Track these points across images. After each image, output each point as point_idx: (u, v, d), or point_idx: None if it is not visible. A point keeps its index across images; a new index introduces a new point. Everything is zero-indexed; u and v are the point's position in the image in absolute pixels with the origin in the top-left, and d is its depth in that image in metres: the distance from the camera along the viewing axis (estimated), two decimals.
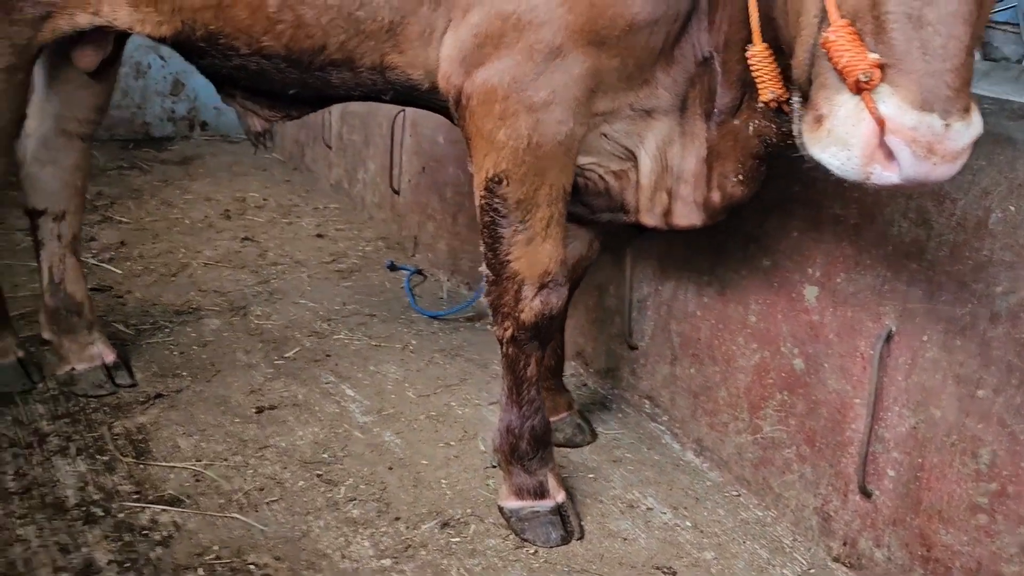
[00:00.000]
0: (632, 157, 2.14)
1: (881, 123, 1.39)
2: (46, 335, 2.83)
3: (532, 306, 2.11)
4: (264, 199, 4.96)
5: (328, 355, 3.20)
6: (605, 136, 2.08)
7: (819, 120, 1.50)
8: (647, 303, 2.75)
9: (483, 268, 2.18)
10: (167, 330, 3.29)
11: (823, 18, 1.48)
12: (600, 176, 2.18)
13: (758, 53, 1.76)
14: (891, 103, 1.38)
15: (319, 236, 4.45)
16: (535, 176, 1.97)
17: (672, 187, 2.11)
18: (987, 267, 1.81)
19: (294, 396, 2.89)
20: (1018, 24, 8.03)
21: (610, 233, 2.53)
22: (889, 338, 1.97)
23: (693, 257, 2.56)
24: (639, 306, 2.78)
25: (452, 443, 2.69)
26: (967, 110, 1.38)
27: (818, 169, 1.53)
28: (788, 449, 2.29)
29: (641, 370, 2.82)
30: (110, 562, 2.06)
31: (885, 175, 1.44)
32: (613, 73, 1.90)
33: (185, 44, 2.18)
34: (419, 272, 3.98)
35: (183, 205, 4.74)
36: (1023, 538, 1.75)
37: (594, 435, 2.74)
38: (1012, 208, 1.76)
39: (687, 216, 2.11)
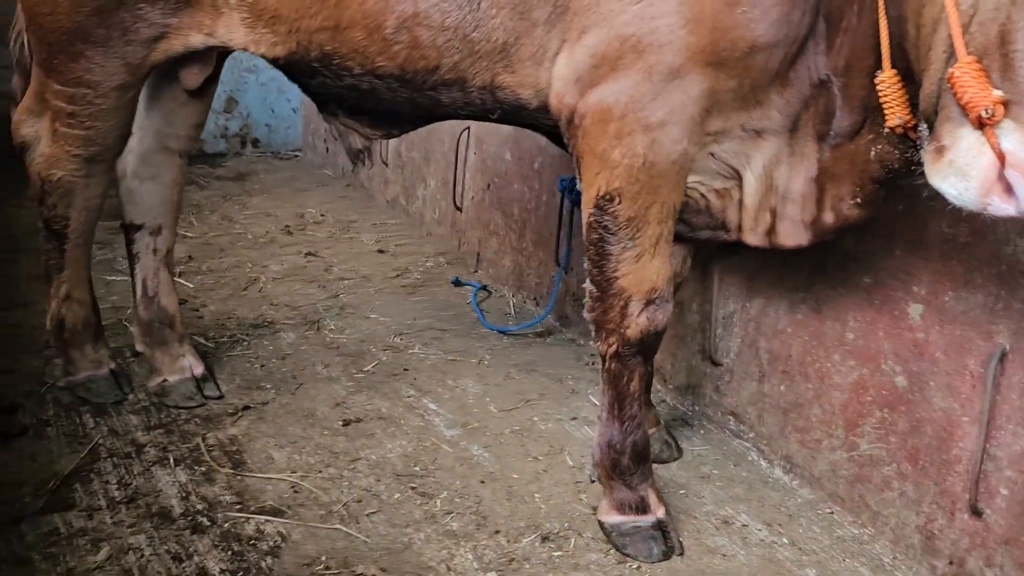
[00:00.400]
0: (736, 176, 2.16)
1: (1002, 157, 1.45)
2: (139, 347, 2.88)
3: (638, 322, 2.13)
4: (322, 215, 5.03)
5: (406, 369, 3.23)
6: (712, 155, 2.10)
7: (941, 151, 1.55)
8: (733, 319, 2.76)
9: (586, 284, 2.21)
10: (245, 343, 3.34)
11: (951, 53, 1.51)
12: (702, 194, 2.21)
13: (887, 79, 1.78)
14: (1013, 138, 1.43)
15: (380, 252, 4.50)
16: (648, 194, 2.00)
17: (777, 207, 2.13)
18: None
19: (378, 409, 2.92)
20: None
21: (698, 251, 2.56)
22: (1003, 357, 1.98)
23: (786, 274, 2.57)
24: (724, 323, 2.79)
25: (540, 457, 2.71)
26: None
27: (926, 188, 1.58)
28: (888, 467, 2.29)
29: (726, 387, 2.83)
30: (223, 571, 2.09)
31: (1003, 207, 1.49)
32: (729, 94, 1.93)
33: (297, 64, 2.23)
34: (484, 288, 4.01)
35: (244, 220, 4.81)
36: None
37: (680, 451, 2.74)
38: None
39: (793, 236, 2.13)
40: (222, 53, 2.53)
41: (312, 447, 2.67)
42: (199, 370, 2.89)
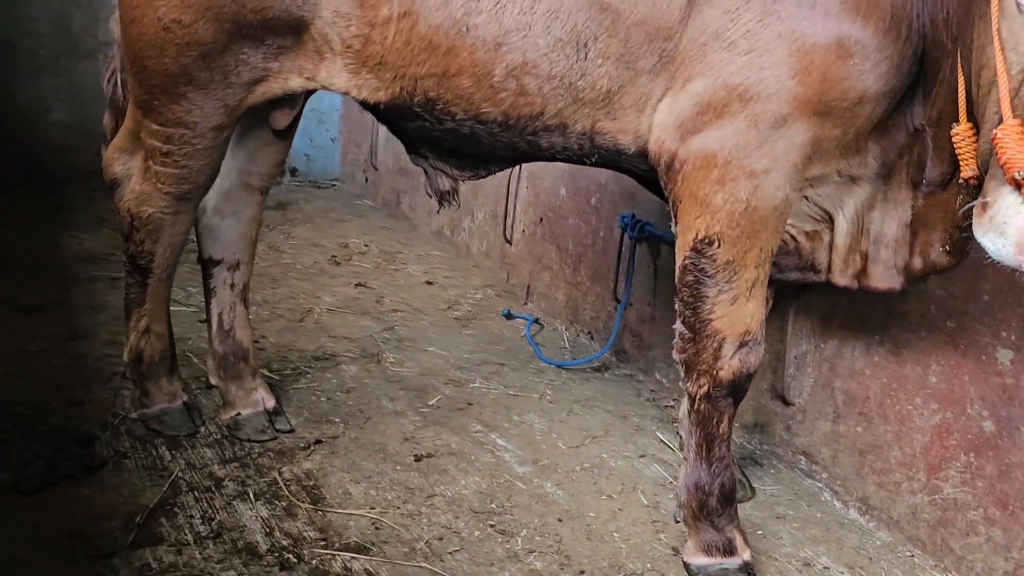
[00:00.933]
0: (828, 219, 2.20)
1: None
2: (213, 380, 2.90)
3: (731, 364, 2.16)
4: (366, 245, 5.07)
5: (470, 404, 3.25)
6: (806, 199, 2.14)
7: (985, 207, 1.62)
8: (806, 359, 2.79)
9: (678, 324, 2.23)
10: (309, 375, 3.37)
11: (1001, 115, 1.56)
12: (792, 236, 2.25)
13: (961, 132, 1.82)
14: None
15: (429, 283, 4.53)
16: (748, 239, 2.03)
17: (869, 250, 2.16)
18: None
19: (448, 445, 2.94)
20: None
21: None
22: None
23: (863, 316, 2.60)
24: (797, 362, 2.82)
25: (614, 496, 2.72)
26: None
27: None
28: (974, 511, 2.30)
29: (797, 426, 2.85)
30: None
31: None
32: (833, 142, 1.97)
33: (398, 108, 2.26)
34: (536, 321, 4.04)
35: (291, 250, 4.85)
36: None
37: (753, 491, 2.76)
38: None
39: (886, 280, 2.16)
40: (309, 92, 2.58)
41: (387, 482, 2.68)
42: (271, 404, 2.91)
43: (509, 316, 4.09)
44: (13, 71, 5.27)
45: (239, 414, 2.85)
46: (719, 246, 2.05)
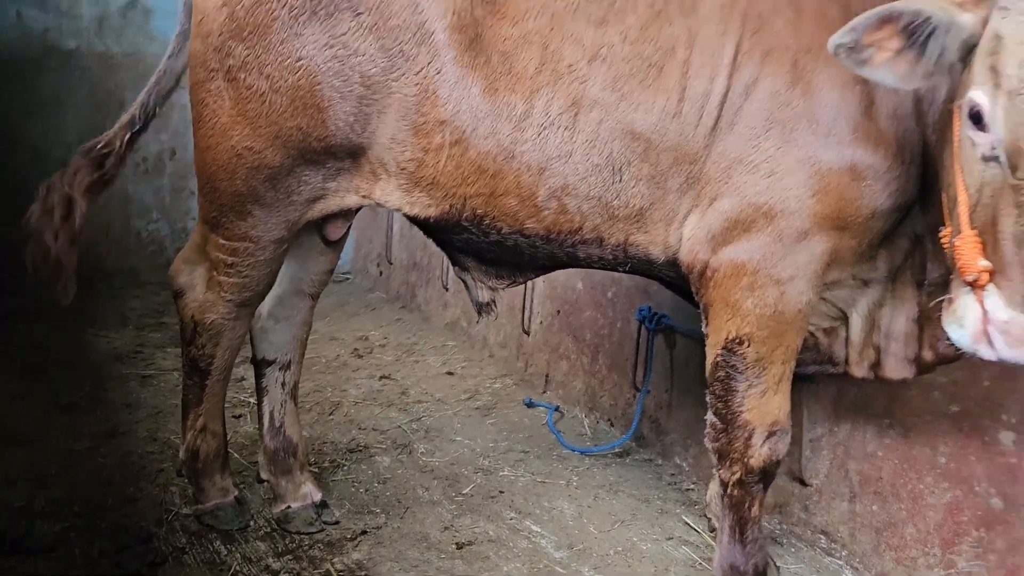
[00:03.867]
0: (843, 316, 2.44)
1: (986, 314, 1.75)
2: (264, 475, 3.06)
3: (760, 452, 2.36)
4: (384, 337, 5.27)
5: (501, 491, 3.41)
6: (824, 299, 2.38)
7: (950, 302, 1.90)
8: (821, 442, 2.99)
9: (710, 416, 2.44)
10: (345, 468, 3.52)
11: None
12: (811, 333, 2.48)
13: (944, 236, 2.06)
14: (992, 301, 1.76)
15: (449, 374, 4.72)
16: (775, 338, 2.26)
17: (881, 344, 2.40)
18: None
19: (486, 532, 3.09)
20: None
21: None
22: None
23: (869, 401, 2.82)
24: (812, 445, 3.01)
25: None
26: None
27: None
28: None
29: (815, 506, 3.03)
30: None
31: (988, 353, 1.83)
32: (848, 251, 2.22)
33: (447, 223, 2.50)
34: (556, 409, 4.22)
35: (312, 344, 4.96)
36: None
37: (778, 569, 2.91)
38: None
39: (899, 370, 2.39)
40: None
41: (434, 570, 2.82)
42: (318, 497, 3.06)
43: (531, 405, 4.27)
44: (42, 177, 5.51)
45: (289, 507, 3.00)
46: (749, 345, 2.28)
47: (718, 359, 2.35)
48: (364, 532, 3.02)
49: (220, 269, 2.67)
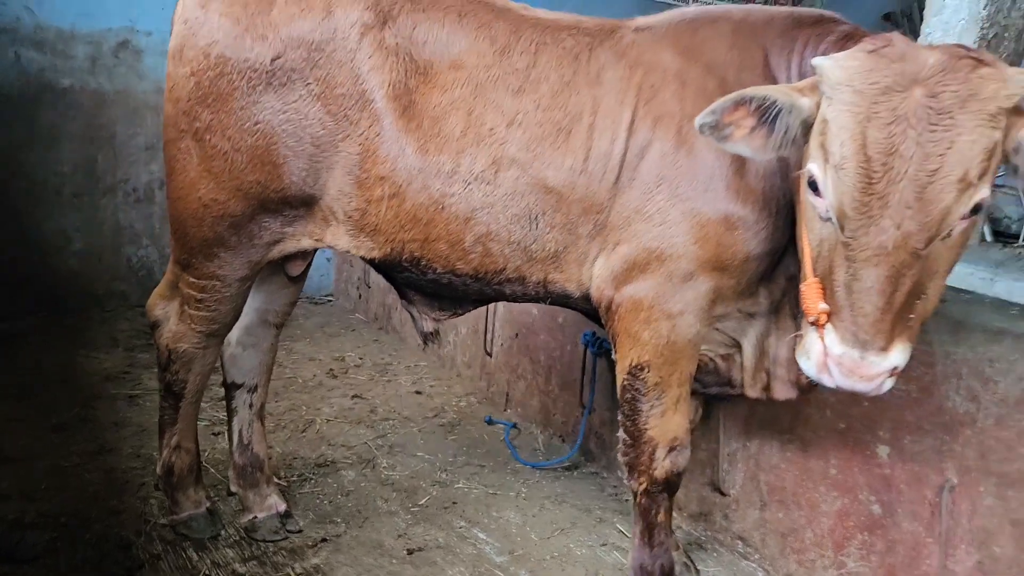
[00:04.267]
0: (737, 345, 2.76)
1: (825, 349, 2.05)
2: (233, 488, 3.38)
3: (663, 465, 2.68)
4: (360, 358, 5.59)
5: (454, 502, 3.72)
6: (718, 330, 2.70)
7: (800, 338, 2.21)
8: (736, 456, 3.31)
9: (621, 433, 2.76)
10: (312, 481, 3.84)
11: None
12: (711, 359, 2.80)
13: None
14: (829, 338, 2.06)
15: (417, 393, 5.04)
16: (670, 365, 2.58)
17: (770, 368, 2.72)
18: None
19: (436, 539, 3.40)
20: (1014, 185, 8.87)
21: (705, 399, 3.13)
22: (952, 489, 2.53)
23: (775, 419, 3.14)
24: (729, 458, 3.33)
25: None
26: (884, 349, 1.99)
27: None
28: None
29: (733, 514, 3.34)
30: None
31: (828, 381, 2.11)
32: (730, 289, 2.55)
33: (389, 263, 2.83)
34: (514, 426, 4.54)
35: (292, 365, 5.36)
36: None
37: (698, 572, 3.22)
38: None
39: (784, 392, 2.70)
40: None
41: (385, 574, 3.14)
42: (283, 507, 3.37)
43: (491, 422, 4.58)
44: (40, 207, 5.85)
45: (256, 517, 3.31)
46: (649, 371, 2.60)
47: (624, 383, 2.67)
48: (324, 540, 3.34)
49: (191, 304, 2.99)
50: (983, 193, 1.94)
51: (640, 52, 2.60)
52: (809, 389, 2.69)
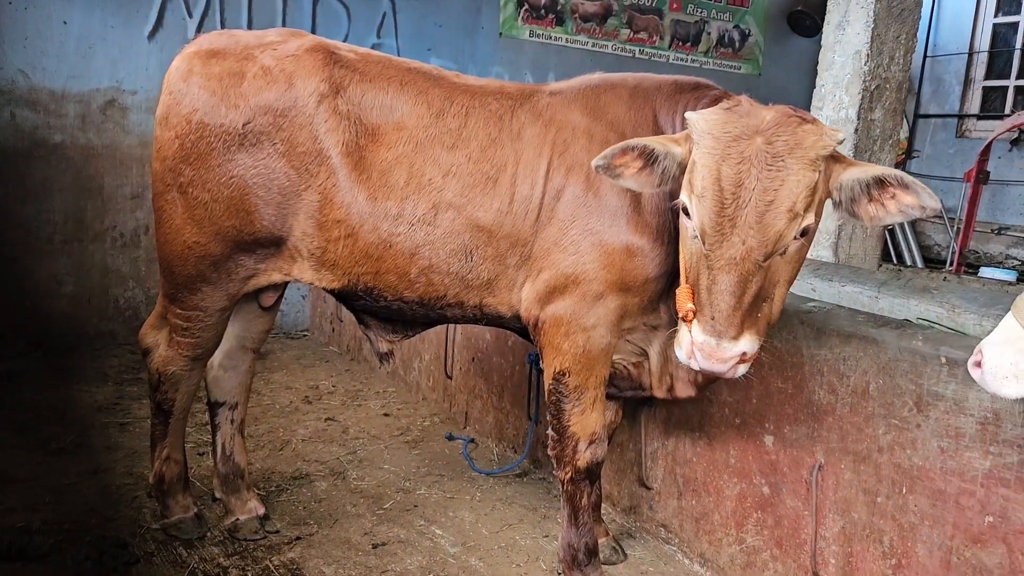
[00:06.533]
0: (645, 354, 3.27)
1: (692, 339, 2.56)
2: (218, 494, 3.83)
3: (584, 456, 3.17)
4: (333, 386, 6.05)
5: (416, 505, 4.18)
6: (628, 341, 3.21)
7: (675, 333, 2.70)
8: (658, 454, 3.80)
9: (549, 431, 3.25)
10: (289, 491, 4.28)
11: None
12: (624, 366, 3.30)
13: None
14: (695, 330, 2.55)
15: (386, 415, 5.50)
16: (587, 370, 3.08)
17: (673, 372, 3.22)
18: (872, 418, 2.90)
19: (398, 536, 3.86)
20: (941, 216, 9.52)
21: (627, 405, 3.63)
22: (820, 468, 3.03)
23: (687, 419, 3.64)
24: (652, 456, 3.82)
25: (521, 564, 3.64)
26: (735, 338, 2.48)
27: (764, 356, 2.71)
28: (764, 553, 3.27)
29: (656, 505, 3.82)
30: None
31: (695, 365, 2.59)
32: (635, 306, 3.05)
33: (347, 293, 3.31)
34: (472, 440, 5.01)
35: (270, 392, 5.81)
36: None
37: (625, 555, 3.70)
38: (881, 381, 2.87)
39: (685, 390, 3.21)
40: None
41: (351, 564, 3.59)
42: (262, 511, 3.82)
43: (451, 438, 5.05)
44: (33, 254, 6.31)
45: (237, 519, 3.76)
46: (569, 376, 3.10)
47: (550, 387, 3.17)
48: (298, 538, 3.79)
49: (178, 332, 3.47)
50: (809, 220, 2.47)
51: (554, 112, 3.14)
52: (705, 386, 3.19)
